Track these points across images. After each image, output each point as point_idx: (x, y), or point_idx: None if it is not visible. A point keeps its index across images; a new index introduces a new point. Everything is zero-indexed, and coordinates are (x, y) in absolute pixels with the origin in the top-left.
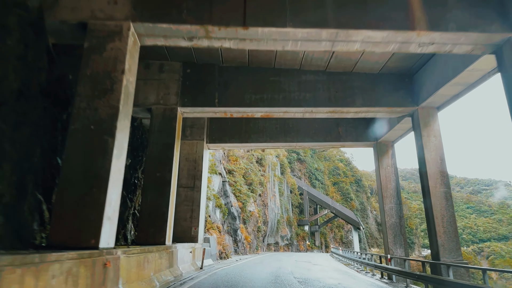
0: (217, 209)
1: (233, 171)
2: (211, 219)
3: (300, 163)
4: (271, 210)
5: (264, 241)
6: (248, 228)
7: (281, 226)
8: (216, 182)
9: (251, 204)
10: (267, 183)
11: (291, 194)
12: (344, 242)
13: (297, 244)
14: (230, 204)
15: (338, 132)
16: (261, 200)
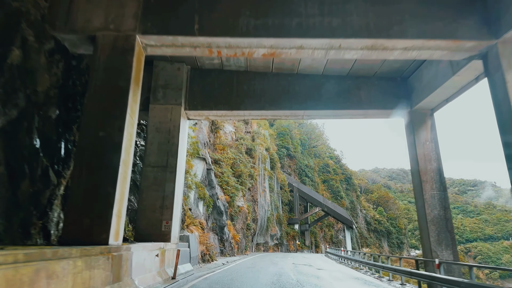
0: (200, 201)
1: (219, 161)
2: (192, 213)
3: (290, 159)
4: (261, 207)
5: (253, 240)
6: (236, 226)
7: (271, 225)
8: (200, 169)
9: (239, 198)
10: (257, 177)
11: (281, 190)
12: (334, 242)
13: (287, 244)
14: (215, 197)
15: (359, 97)
16: (251, 195)
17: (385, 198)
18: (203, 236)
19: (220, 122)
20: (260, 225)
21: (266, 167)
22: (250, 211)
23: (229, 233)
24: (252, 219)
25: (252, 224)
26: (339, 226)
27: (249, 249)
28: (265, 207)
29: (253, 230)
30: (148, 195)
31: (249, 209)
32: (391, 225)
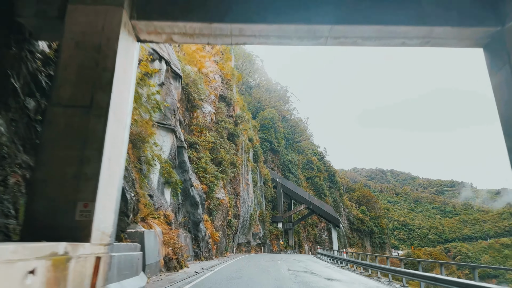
0: (166, 187)
1: (196, 145)
2: (155, 202)
3: (273, 153)
4: (243, 202)
5: (235, 240)
6: (215, 222)
7: (254, 222)
8: (167, 143)
9: (219, 190)
10: (240, 166)
11: (264, 186)
12: (318, 242)
13: (270, 244)
14: (189, 184)
15: (420, 6)
16: (232, 187)
17: (367, 197)
18: (170, 233)
19: (197, 100)
20: (242, 222)
21: (250, 158)
22: (231, 205)
23: (206, 231)
24: (233, 214)
25: (234, 221)
26: (322, 225)
27: (229, 250)
28: (248, 203)
29: (235, 228)
30: (53, 155)
31: (231, 203)
32: (373, 224)
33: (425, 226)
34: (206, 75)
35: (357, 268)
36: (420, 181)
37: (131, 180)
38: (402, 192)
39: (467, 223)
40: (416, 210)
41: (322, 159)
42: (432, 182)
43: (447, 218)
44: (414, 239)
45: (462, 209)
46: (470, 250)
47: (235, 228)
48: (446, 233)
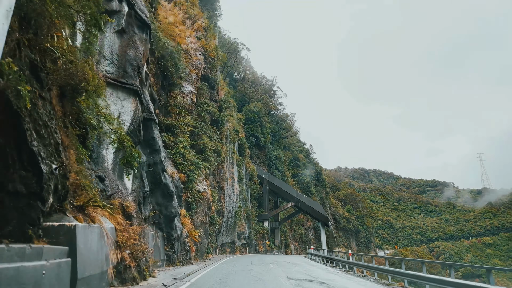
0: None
1: (173, 128)
2: (106, 185)
3: (259, 149)
4: (228, 197)
5: (218, 239)
6: (195, 218)
7: (239, 221)
8: (127, 110)
9: (201, 181)
10: (224, 156)
11: (250, 182)
12: (304, 241)
13: (255, 244)
14: (160, 168)
15: None
16: (216, 180)
17: (353, 196)
18: (128, 231)
19: (175, 78)
20: (227, 220)
21: (235, 150)
22: (215, 199)
23: (183, 229)
24: (217, 210)
25: (217, 218)
26: (309, 223)
27: (212, 251)
28: (233, 198)
29: (218, 226)
30: None
31: (214, 198)
32: (359, 223)
33: (408, 226)
34: (187, 51)
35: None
36: (402, 180)
37: (52, 144)
38: (385, 191)
39: (449, 222)
40: (399, 210)
41: (308, 156)
42: (414, 182)
43: (430, 217)
44: (398, 238)
45: (445, 209)
46: (454, 249)
47: (218, 226)
48: (429, 233)
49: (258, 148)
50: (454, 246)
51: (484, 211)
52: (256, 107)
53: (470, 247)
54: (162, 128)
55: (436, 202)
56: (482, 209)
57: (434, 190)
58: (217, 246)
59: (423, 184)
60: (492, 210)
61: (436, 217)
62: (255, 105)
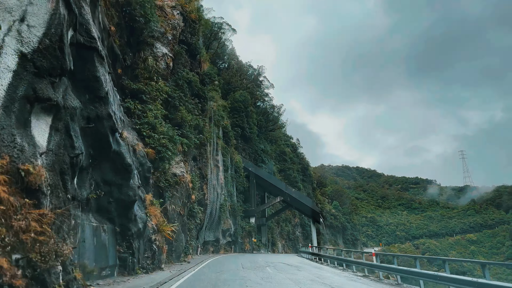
0: (37, 110)
1: (142, 94)
2: None
3: (245, 141)
4: (211, 188)
5: (200, 237)
6: (169, 209)
7: (224, 216)
8: (41, 8)
9: (178, 163)
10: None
11: (235, 174)
12: (291, 239)
13: (241, 242)
14: (108, 127)
15: None
16: (198, 166)
17: (339, 192)
18: (23, 219)
19: (146, 36)
20: (210, 214)
21: (220, 136)
22: (196, 188)
23: (147, 221)
24: (198, 201)
25: (198, 210)
26: (296, 220)
27: (193, 251)
28: (217, 190)
29: (200, 221)
30: None
31: (195, 185)
32: (346, 220)
33: (392, 223)
34: (161, 8)
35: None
36: (385, 178)
37: None
38: (369, 188)
39: (433, 219)
40: (383, 207)
41: (295, 151)
42: (397, 179)
43: (413, 214)
44: (382, 235)
45: (428, 206)
46: (438, 247)
47: (200, 221)
48: (414, 230)
49: (243, 140)
50: (438, 243)
51: (467, 208)
52: (242, 96)
53: (454, 244)
54: (127, 94)
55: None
56: (465, 206)
57: (416, 187)
58: (198, 244)
59: (406, 181)
60: (475, 207)
61: (420, 214)
62: (240, 94)
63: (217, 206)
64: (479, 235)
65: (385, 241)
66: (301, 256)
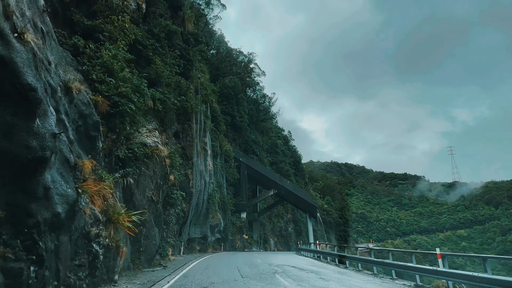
0: None
1: (99, 32)
2: None
3: (235, 130)
4: (198, 174)
5: (183, 233)
6: (134, 193)
7: (213, 209)
8: None
9: (151, 133)
10: (193, 109)
11: (225, 164)
12: (284, 235)
13: (232, 239)
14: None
15: None
16: (180, 145)
17: (331, 187)
18: None
19: None
20: (196, 205)
21: (208, 115)
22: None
23: (83, 202)
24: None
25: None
26: (288, 216)
27: (174, 250)
28: (205, 178)
29: (184, 213)
30: None
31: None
32: (338, 216)
33: (382, 219)
34: None
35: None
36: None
37: None
38: (358, 184)
39: (423, 215)
40: (373, 203)
41: (287, 143)
42: (386, 175)
43: (403, 210)
44: (372, 231)
45: (418, 202)
46: (429, 243)
47: (184, 213)
48: (404, 226)
49: (233, 129)
50: (429, 239)
51: (457, 204)
52: (231, 81)
53: (445, 240)
54: (77, 31)
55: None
56: (455, 202)
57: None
58: (181, 242)
59: (395, 177)
60: (465, 203)
61: (409, 210)
62: (230, 79)
63: (204, 197)
64: (470, 231)
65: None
66: (303, 254)
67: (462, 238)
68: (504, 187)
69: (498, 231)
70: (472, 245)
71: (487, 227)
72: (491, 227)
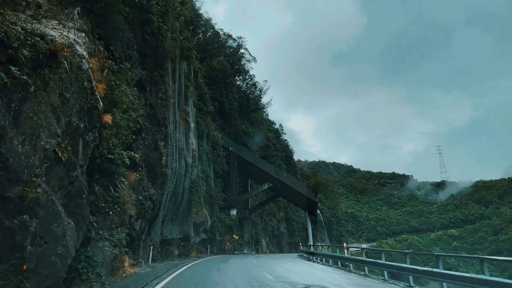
0: None
1: None
2: None
3: (224, 118)
4: (175, 151)
5: (153, 233)
6: (9, 136)
7: (197, 202)
8: None
9: (64, 24)
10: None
11: (213, 153)
12: (276, 235)
13: (221, 240)
14: None
15: None
16: (146, 100)
17: (323, 185)
18: None
19: None
20: (173, 194)
21: (191, 79)
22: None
23: None
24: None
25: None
26: (281, 214)
27: (131, 260)
28: (187, 159)
29: (152, 204)
30: None
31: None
32: (331, 215)
33: (372, 218)
34: None
35: None
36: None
37: None
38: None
39: (413, 214)
40: (362, 202)
41: (278, 137)
42: (374, 175)
43: (393, 209)
44: (363, 231)
45: (407, 201)
46: (421, 243)
47: (152, 204)
48: (394, 225)
49: (222, 117)
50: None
51: (447, 203)
52: (220, 64)
53: (436, 240)
54: None
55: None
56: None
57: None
58: (151, 245)
59: (383, 176)
60: (455, 202)
61: (399, 210)
62: (218, 61)
63: (185, 184)
64: (461, 231)
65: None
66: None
67: (454, 237)
68: (493, 186)
69: (490, 231)
70: (464, 245)
71: (478, 226)
72: (482, 226)
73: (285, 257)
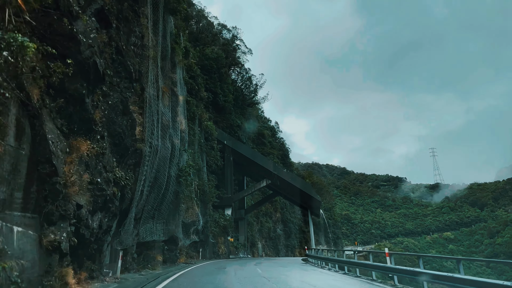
0: None
1: None
2: None
3: (218, 111)
4: (157, 125)
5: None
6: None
7: (186, 196)
8: None
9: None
10: None
11: (206, 144)
12: (272, 238)
13: (214, 242)
14: None
15: None
16: (109, 40)
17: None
18: None
19: None
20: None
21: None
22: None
23: None
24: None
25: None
26: (277, 215)
27: (87, 273)
28: (173, 139)
29: (121, 192)
30: None
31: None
32: (328, 216)
33: (367, 220)
34: None
35: None
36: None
37: None
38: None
39: (408, 217)
40: (356, 204)
41: (274, 135)
42: (367, 177)
43: (387, 212)
44: (357, 234)
45: (402, 203)
46: (417, 246)
47: (120, 192)
48: (389, 228)
49: (216, 110)
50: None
51: (442, 206)
52: (214, 53)
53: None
54: None
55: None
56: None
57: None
58: (119, 249)
59: (376, 178)
60: (449, 205)
61: (394, 212)
62: (212, 50)
63: (171, 171)
64: (457, 233)
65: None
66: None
67: (449, 240)
68: (488, 188)
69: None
70: (460, 247)
71: (474, 229)
72: (478, 229)
73: (290, 263)
